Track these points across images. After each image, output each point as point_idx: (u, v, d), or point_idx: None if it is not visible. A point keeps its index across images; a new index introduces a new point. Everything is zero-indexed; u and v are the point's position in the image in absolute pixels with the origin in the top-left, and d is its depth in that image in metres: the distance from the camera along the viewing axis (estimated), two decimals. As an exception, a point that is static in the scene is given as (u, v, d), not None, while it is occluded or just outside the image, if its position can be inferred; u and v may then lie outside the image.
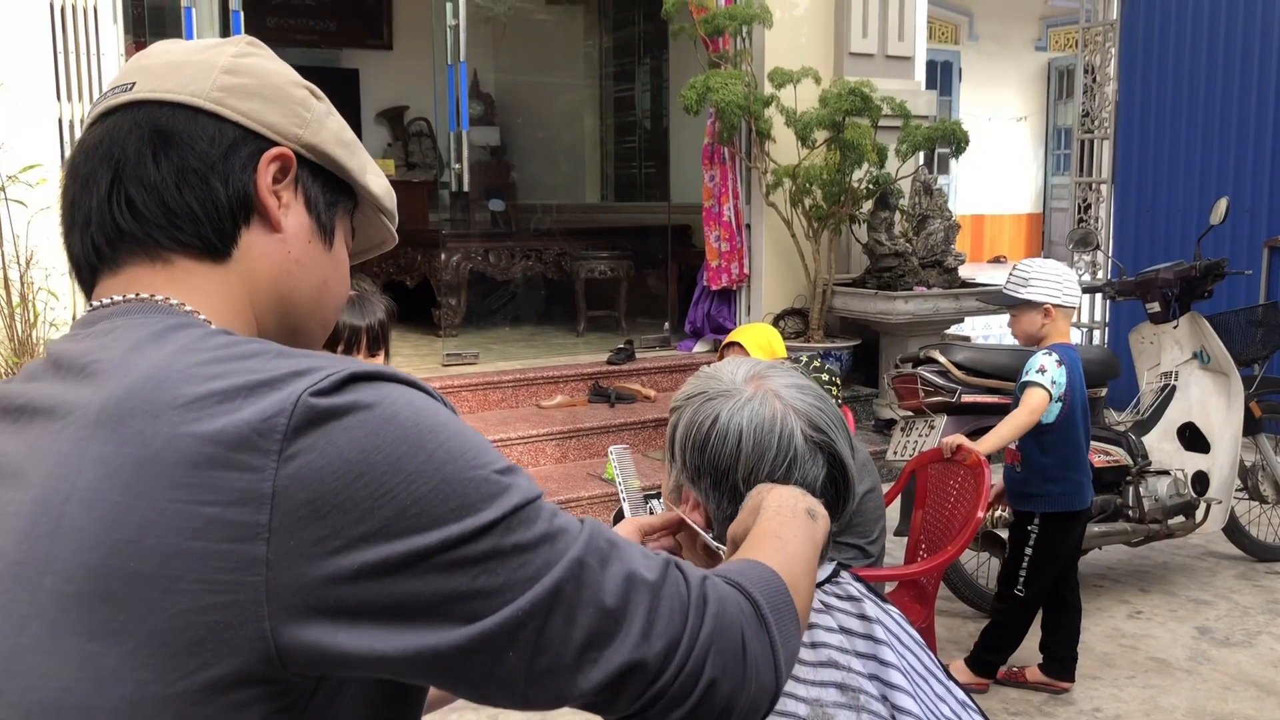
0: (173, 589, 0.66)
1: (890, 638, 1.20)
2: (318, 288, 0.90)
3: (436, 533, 0.69)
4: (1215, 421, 4.34)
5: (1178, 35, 6.79)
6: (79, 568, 0.68)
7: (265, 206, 0.85)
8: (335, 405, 0.69)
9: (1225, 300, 5.47)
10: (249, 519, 0.66)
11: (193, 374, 0.71)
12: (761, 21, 6.05)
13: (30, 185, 4.29)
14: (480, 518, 0.70)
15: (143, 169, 0.82)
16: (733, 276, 6.49)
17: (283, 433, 0.68)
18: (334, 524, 0.67)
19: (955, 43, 12.81)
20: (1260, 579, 4.48)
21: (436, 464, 0.70)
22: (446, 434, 0.72)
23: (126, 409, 0.70)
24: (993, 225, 13.56)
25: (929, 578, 3.16)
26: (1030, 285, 3.33)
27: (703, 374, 1.22)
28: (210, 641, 0.66)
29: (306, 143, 0.88)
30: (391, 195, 0.98)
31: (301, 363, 0.72)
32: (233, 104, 0.84)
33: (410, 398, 0.73)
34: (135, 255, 0.83)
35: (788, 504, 1.01)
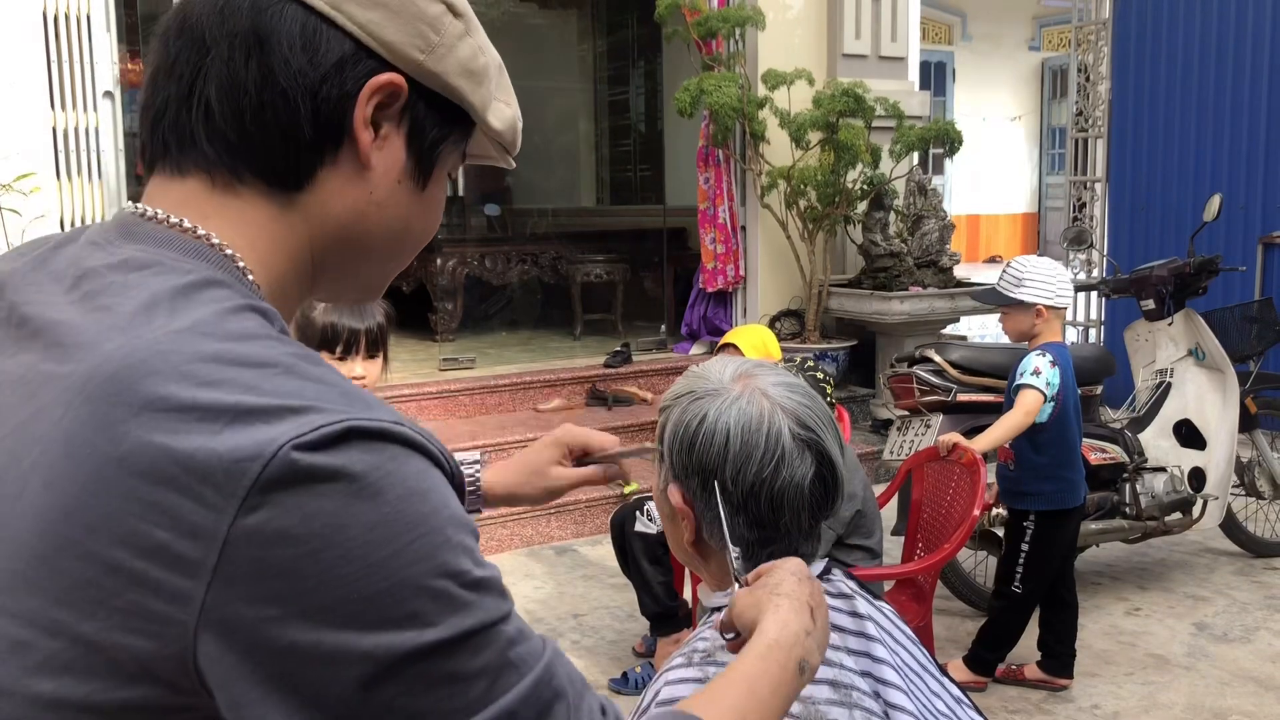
0: (107, 603, 0.63)
1: (882, 634, 1.20)
2: (396, 233, 0.80)
3: (374, 636, 0.63)
4: (1211, 418, 4.35)
5: (1170, 33, 6.80)
6: (26, 548, 0.65)
7: (358, 140, 0.75)
8: (316, 467, 0.63)
9: (1220, 297, 5.48)
10: (196, 556, 0.62)
11: (188, 371, 0.65)
12: (754, 24, 6.06)
13: (24, 194, 4.29)
14: (425, 635, 0.64)
15: (231, 69, 0.73)
16: (728, 278, 6.49)
17: (252, 480, 0.62)
18: (275, 591, 0.62)
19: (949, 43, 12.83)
20: (1258, 575, 4.48)
21: (401, 562, 0.63)
22: (425, 528, 0.65)
23: (110, 391, 0.64)
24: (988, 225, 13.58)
25: (926, 576, 3.17)
26: (1023, 285, 3.34)
27: (691, 373, 1.22)
28: (131, 665, 0.63)
29: (427, 70, 0.76)
30: (517, 127, 0.87)
31: (305, 392, 0.65)
32: (351, 10, 0.74)
33: (404, 475, 0.65)
34: (199, 168, 0.75)
35: (784, 644, 0.92)
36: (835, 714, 1.13)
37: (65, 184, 4.66)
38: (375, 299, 0.88)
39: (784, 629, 0.93)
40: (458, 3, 0.80)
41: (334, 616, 0.62)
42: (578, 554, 4.86)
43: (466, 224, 9.09)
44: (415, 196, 0.80)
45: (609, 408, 5.77)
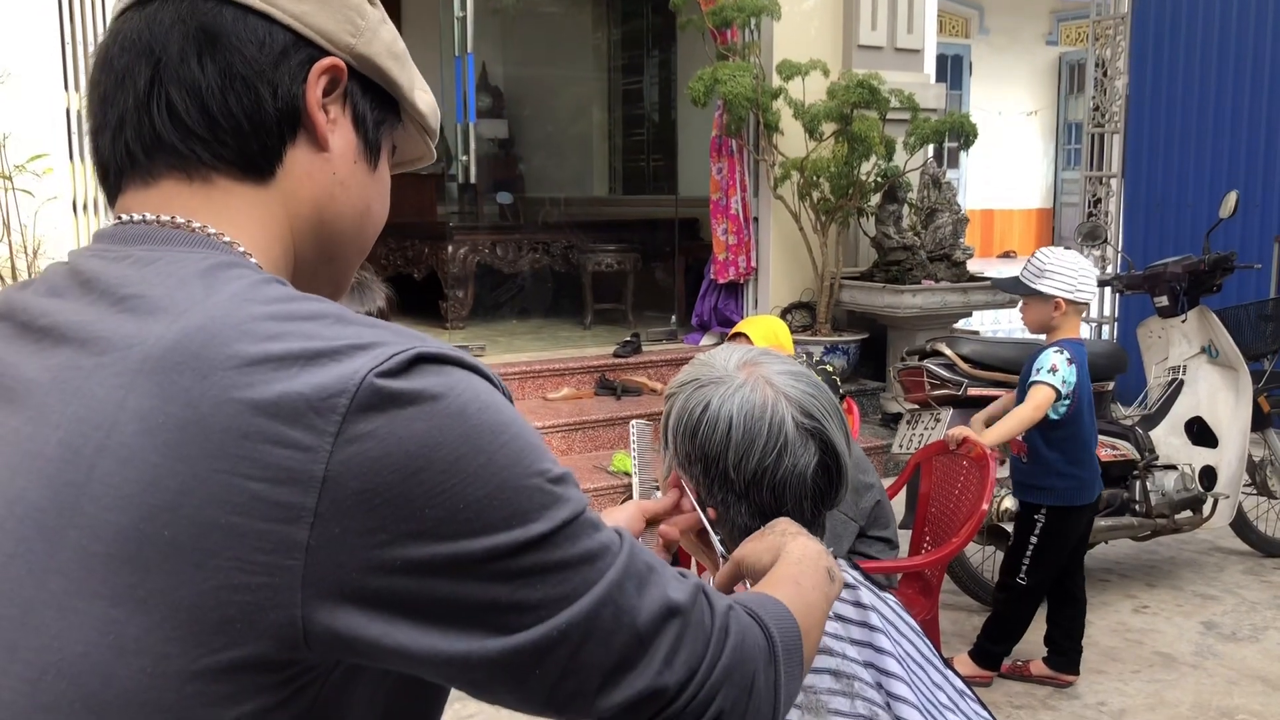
0: (206, 564, 0.63)
1: (886, 625, 1.19)
2: (361, 212, 0.84)
3: (485, 539, 0.66)
4: (1223, 416, 4.32)
5: (1189, 29, 6.75)
6: (108, 527, 0.64)
7: (314, 122, 0.78)
8: (401, 391, 0.65)
9: (1235, 294, 5.44)
10: (295, 500, 0.63)
11: (247, 330, 0.66)
12: (770, 14, 6.03)
13: (37, 175, 4.30)
14: (530, 529, 0.68)
15: (186, 69, 0.75)
16: (740, 269, 6.48)
17: (343, 413, 0.63)
18: (383, 517, 0.64)
19: (966, 36, 12.76)
20: (1267, 574, 4.46)
21: (495, 468, 0.67)
22: (508, 435, 0.69)
23: (173, 362, 0.65)
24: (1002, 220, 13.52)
25: (933, 570, 3.16)
26: (1044, 277, 3.31)
27: (697, 361, 1.21)
28: (239, 622, 0.64)
29: (359, 53, 0.81)
30: (436, 114, 0.91)
31: (364, 334, 0.68)
32: (284, 4, 0.77)
33: (477, 390, 0.69)
34: (171, 169, 0.77)
35: (811, 556, 1.00)
36: (838, 703, 1.12)
37: (79, 166, 4.67)
38: (342, 295, 0.88)
39: (805, 549, 1.01)
40: None
41: (443, 529, 0.65)
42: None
43: (479, 212, 9.09)
44: (370, 177, 0.84)
45: (618, 397, 5.77)
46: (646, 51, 9.40)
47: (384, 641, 0.65)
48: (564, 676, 0.70)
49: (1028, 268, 3.39)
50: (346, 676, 0.69)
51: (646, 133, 9.56)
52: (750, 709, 0.79)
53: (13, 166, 4.28)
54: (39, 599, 0.65)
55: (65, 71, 4.65)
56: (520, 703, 0.71)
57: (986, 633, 3.50)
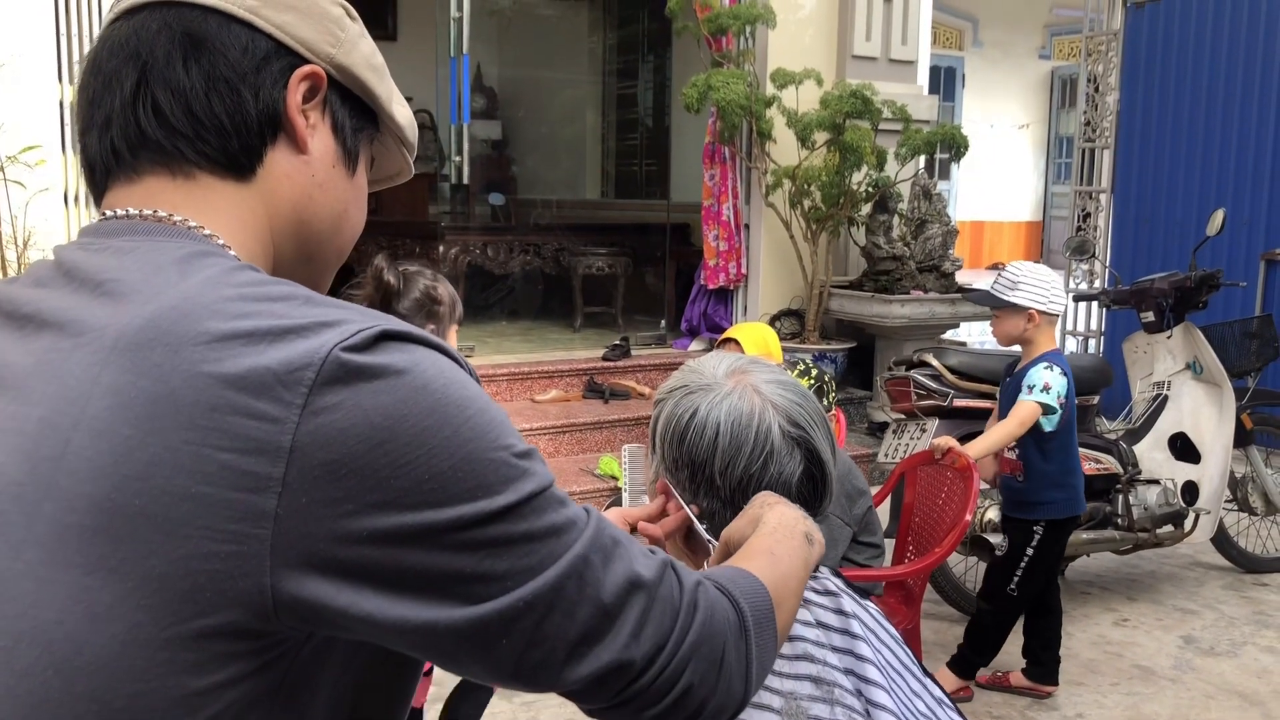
0: (176, 533, 0.65)
1: (867, 633, 1.20)
2: (338, 214, 0.87)
3: (450, 510, 0.68)
4: (1206, 432, 4.35)
5: (1180, 47, 6.80)
6: (81, 498, 0.66)
7: (293, 125, 0.82)
8: (366, 364, 0.67)
9: (1220, 312, 5.48)
10: (263, 470, 0.65)
11: (218, 309, 0.69)
12: (765, 22, 6.05)
13: (29, 166, 4.29)
14: (494, 501, 0.69)
15: (171, 72, 0.79)
16: (730, 276, 6.50)
17: (309, 385, 0.66)
18: (349, 488, 0.66)
19: (959, 48, 12.82)
20: (1247, 590, 4.49)
21: (460, 440, 0.69)
22: (473, 409, 0.70)
23: (146, 338, 0.68)
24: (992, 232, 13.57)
25: (916, 580, 3.17)
26: (1018, 289, 3.35)
27: (686, 368, 1.23)
28: (208, 590, 0.65)
29: (338, 63, 0.84)
30: (414, 127, 0.95)
31: (331, 312, 0.70)
32: (268, 14, 0.81)
33: (441, 366, 0.71)
34: (155, 166, 0.80)
35: (787, 523, 1.02)
36: (818, 710, 1.14)
37: (71, 157, 4.66)
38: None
39: (781, 516, 1.03)
40: (350, 8, 0.88)
41: (408, 499, 0.67)
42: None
43: (470, 212, 9.09)
44: (348, 181, 0.87)
45: (605, 401, 5.78)
46: (641, 57, 9.42)
47: (352, 610, 0.67)
48: (530, 647, 0.71)
49: (999, 281, 3.43)
50: (319, 650, 0.70)
51: (640, 137, 9.58)
52: (720, 683, 0.80)
53: (5, 157, 4.27)
54: (14, 569, 0.67)
55: (60, 63, 4.64)
56: (487, 673, 0.73)
57: (969, 643, 3.52)
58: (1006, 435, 3.31)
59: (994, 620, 3.49)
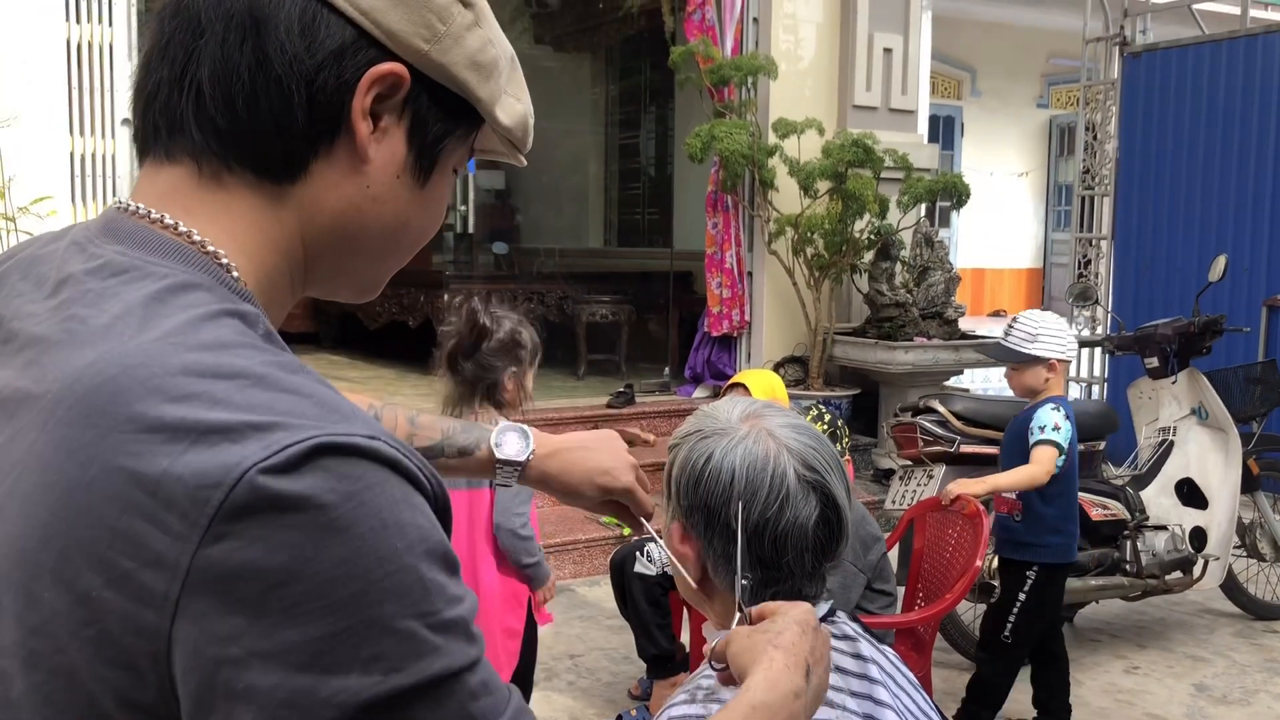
0: (79, 634, 0.60)
1: (885, 678, 1.20)
2: (393, 229, 0.77)
3: (333, 679, 0.59)
4: (1213, 478, 4.34)
5: (1178, 95, 6.87)
6: (3, 578, 0.63)
7: (355, 132, 0.71)
8: (282, 495, 0.59)
9: (1224, 357, 5.49)
10: (160, 588, 0.59)
11: (156, 386, 0.62)
12: (767, 73, 6.13)
13: (40, 217, 4.33)
14: (389, 681, 0.60)
15: (225, 52, 0.69)
16: (734, 323, 6.52)
17: (215, 508, 0.58)
18: (236, 627, 0.59)
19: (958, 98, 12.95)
20: (1258, 637, 4.45)
21: (369, 600, 0.60)
22: (397, 565, 0.61)
23: (79, 415, 0.62)
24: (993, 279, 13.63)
25: (926, 627, 3.15)
26: (1038, 341, 3.33)
27: (700, 412, 1.23)
28: (108, 699, 0.61)
29: (432, 61, 0.73)
30: (527, 124, 0.83)
31: (276, 406, 0.62)
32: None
33: (379, 503, 0.61)
34: (187, 155, 0.72)
35: (772, 706, 0.88)
36: (835, 757, 1.13)
37: (81, 208, 4.71)
38: (372, 296, 0.84)
39: (772, 690, 0.89)
40: None
41: (295, 656, 0.59)
42: (575, 594, 4.84)
43: (474, 261, 9.14)
44: (415, 193, 0.77)
45: (611, 448, 5.77)
46: (644, 107, 9.52)
47: None
48: None
49: (1014, 333, 3.41)
50: None
51: (643, 186, 9.66)
52: None
53: (16, 208, 4.31)
54: None
55: (71, 115, 4.70)
56: None
57: (972, 695, 3.47)
58: (1026, 478, 3.28)
59: (992, 670, 3.43)
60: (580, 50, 9.80)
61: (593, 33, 9.20)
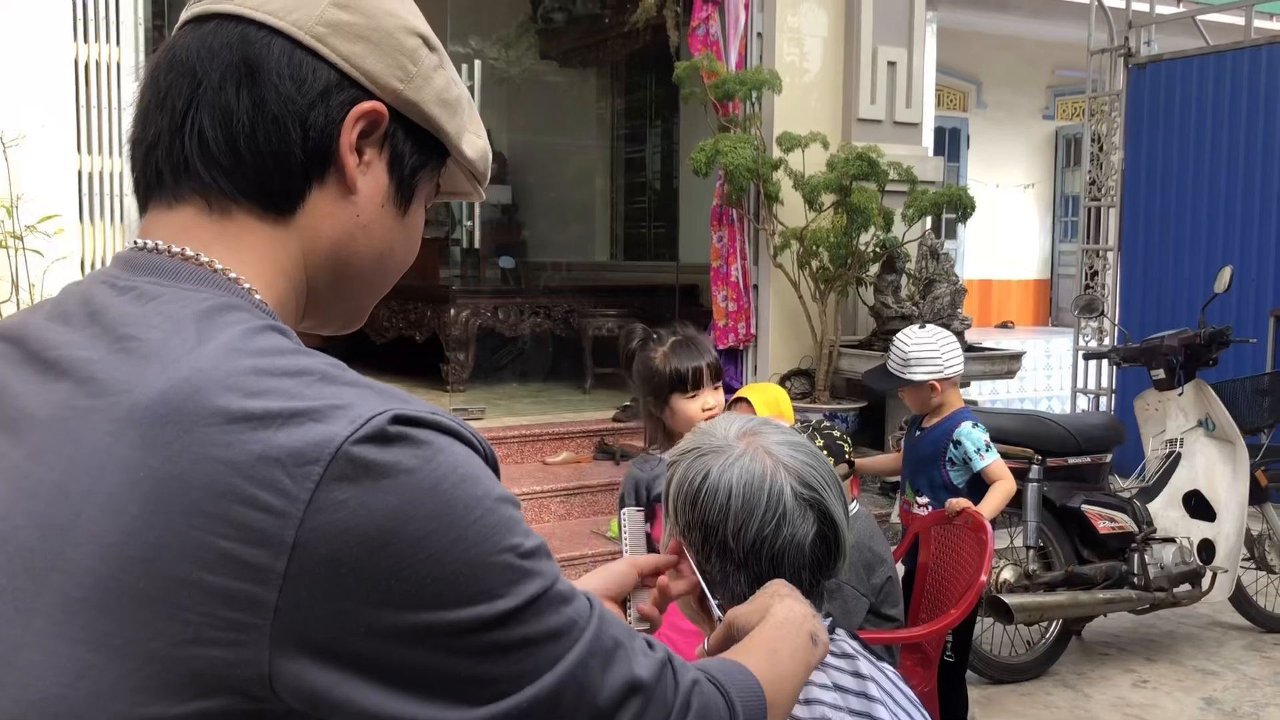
0: (178, 617, 0.65)
1: (884, 695, 1.20)
2: (381, 255, 0.84)
3: (450, 614, 0.67)
4: (1221, 489, 4.33)
5: (1183, 106, 6.87)
6: (89, 574, 0.66)
7: (344, 165, 0.79)
8: (375, 461, 0.66)
9: (1231, 368, 5.48)
10: (265, 563, 0.64)
11: (231, 384, 0.67)
12: (771, 87, 6.14)
13: (48, 235, 4.35)
14: (495, 606, 0.68)
15: (222, 100, 0.76)
16: (739, 336, 6.52)
17: (316, 480, 0.65)
18: (349, 586, 0.65)
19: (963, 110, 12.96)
20: (1268, 650, 4.43)
21: (465, 544, 0.68)
22: (481, 510, 0.69)
23: (158, 415, 0.67)
24: (1000, 290, 13.61)
25: (931, 642, 3.14)
26: (910, 366, 3.43)
27: (698, 430, 1.24)
28: (208, 675, 0.65)
29: (405, 99, 0.80)
30: (487, 159, 0.91)
31: (344, 394, 0.69)
32: (335, 43, 0.77)
33: (456, 462, 0.69)
34: (194, 195, 0.78)
35: (794, 620, 1.01)
36: (834, 775, 1.13)
37: (88, 227, 4.73)
38: (357, 326, 0.91)
39: (790, 612, 1.02)
40: (431, 37, 0.84)
41: (409, 601, 0.66)
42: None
43: (481, 276, 9.16)
44: (398, 221, 0.84)
45: (616, 462, 5.77)
46: (649, 122, 9.55)
47: (348, 704, 0.66)
48: None
49: (892, 359, 3.48)
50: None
51: (648, 200, 9.67)
52: None
53: (24, 227, 4.34)
54: (24, 639, 0.67)
55: (79, 134, 4.73)
56: None
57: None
58: (1006, 493, 3.36)
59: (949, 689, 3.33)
60: (586, 66, 9.83)
61: (598, 48, 9.23)
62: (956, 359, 3.45)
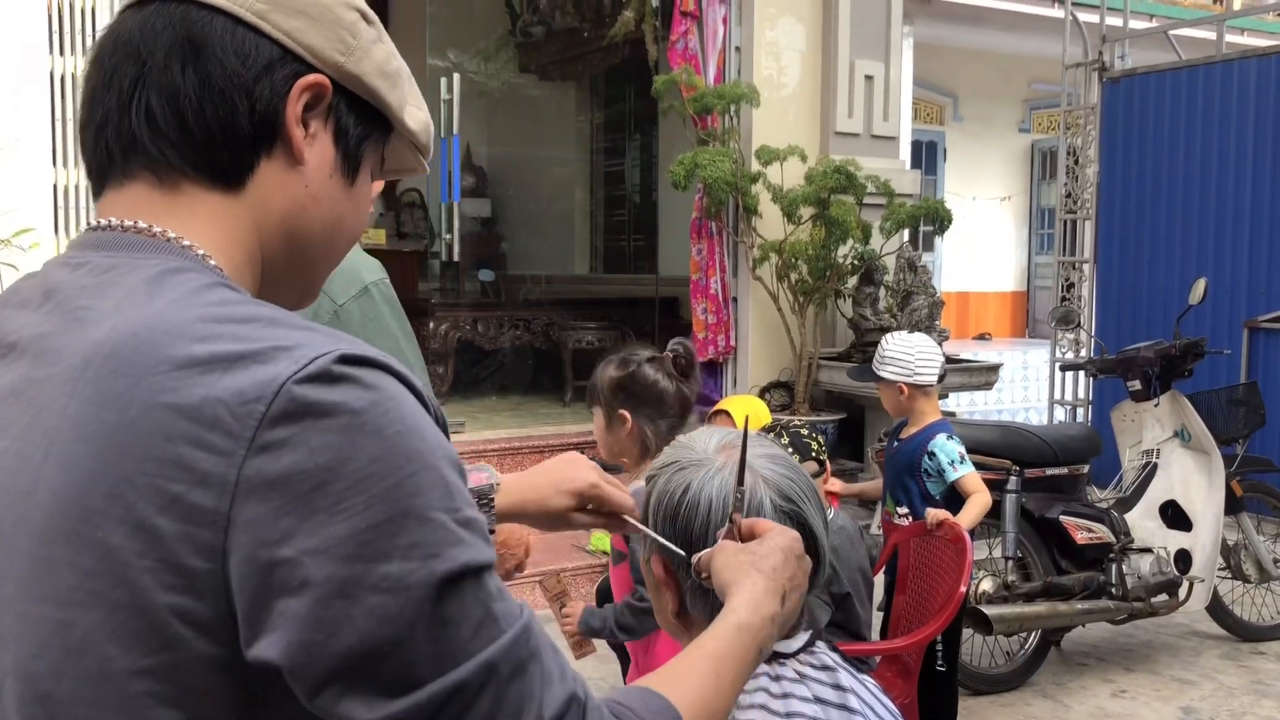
0: (137, 565, 0.65)
1: (865, 707, 1.20)
2: (332, 225, 0.85)
3: (380, 567, 0.65)
4: (1197, 500, 4.36)
5: (1156, 119, 6.94)
6: (51, 531, 0.67)
7: (290, 137, 0.80)
8: (318, 402, 0.66)
9: (1206, 379, 5.52)
10: (210, 504, 0.64)
11: (179, 333, 0.68)
12: (749, 101, 6.17)
13: (23, 249, 4.32)
14: (427, 565, 0.66)
15: (168, 76, 0.77)
16: (719, 349, 6.53)
17: (258, 420, 0.65)
18: (287, 528, 0.64)
19: (940, 123, 13.05)
20: (1245, 659, 4.46)
21: (404, 493, 0.66)
22: (423, 463, 0.68)
23: (109, 369, 0.67)
24: (977, 302, 13.69)
25: (911, 653, 3.14)
26: (885, 365, 3.53)
27: (677, 443, 1.23)
28: (173, 624, 0.65)
29: (347, 71, 0.82)
30: (429, 131, 0.92)
31: (291, 335, 0.69)
32: (276, 19, 0.79)
33: (401, 408, 0.68)
34: (144, 171, 0.78)
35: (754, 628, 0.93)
36: (815, 788, 1.12)
37: (64, 240, 4.69)
38: (310, 302, 0.91)
39: (755, 612, 0.94)
40: (368, 11, 0.85)
41: (343, 549, 0.65)
42: (562, 623, 4.81)
43: (460, 289, 9.15)
44: (346, 191, 0.85)
45: (597, 475, 5.76)
46: (628, 135, 9.58)
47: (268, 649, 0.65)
48: None
49: (875, 355, 3.59)
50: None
51: (628, 213, 9.69)
52: None
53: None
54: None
55: (54, 147, 4.69)
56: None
57: None
58: (984, 505, 3.40)
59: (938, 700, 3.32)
60: (565, 79, 9.86)
61: (577, 61, 9.26)
62: (929, 369, 3.47)
